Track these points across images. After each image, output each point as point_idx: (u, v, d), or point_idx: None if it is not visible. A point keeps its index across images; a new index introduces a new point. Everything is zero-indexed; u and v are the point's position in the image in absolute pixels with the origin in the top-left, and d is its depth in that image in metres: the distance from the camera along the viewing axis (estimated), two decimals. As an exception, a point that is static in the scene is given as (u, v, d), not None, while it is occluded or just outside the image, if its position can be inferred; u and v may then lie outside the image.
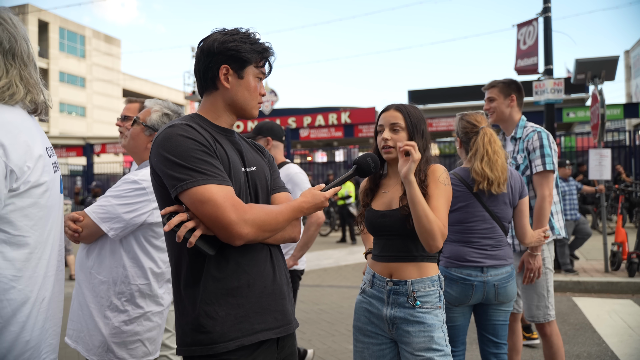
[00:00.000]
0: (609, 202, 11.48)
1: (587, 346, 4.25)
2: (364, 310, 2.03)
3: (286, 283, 1.62)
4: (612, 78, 7.05)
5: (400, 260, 1.95)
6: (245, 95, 1.59)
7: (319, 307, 5.84)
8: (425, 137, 2.01)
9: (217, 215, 1.38)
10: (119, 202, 2.01)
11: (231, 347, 1.44)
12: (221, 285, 1.46)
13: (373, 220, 2.01)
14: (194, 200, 1.39)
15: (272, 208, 1.50)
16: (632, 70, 28.63)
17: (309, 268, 8.72)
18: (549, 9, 8.94)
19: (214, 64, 1.55)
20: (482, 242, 2.51)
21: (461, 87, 25.16)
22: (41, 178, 1.35)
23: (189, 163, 1.40)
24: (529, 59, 9.98)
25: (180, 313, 1.50)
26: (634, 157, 15.08)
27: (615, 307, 5.50)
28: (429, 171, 1.95)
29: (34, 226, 1.34)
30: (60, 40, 42.68)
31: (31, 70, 1.43)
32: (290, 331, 1.59)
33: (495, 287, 2.48)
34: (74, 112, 43.79)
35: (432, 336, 1.86)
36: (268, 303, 1.53)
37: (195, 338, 1.45)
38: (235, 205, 1.40)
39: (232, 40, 1.54)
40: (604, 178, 6.82)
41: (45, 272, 1.39)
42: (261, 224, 1.44)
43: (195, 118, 1.57)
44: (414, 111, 2.01)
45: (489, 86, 3.16)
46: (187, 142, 1.43)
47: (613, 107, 16.23)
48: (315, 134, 19.74)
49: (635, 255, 6.51)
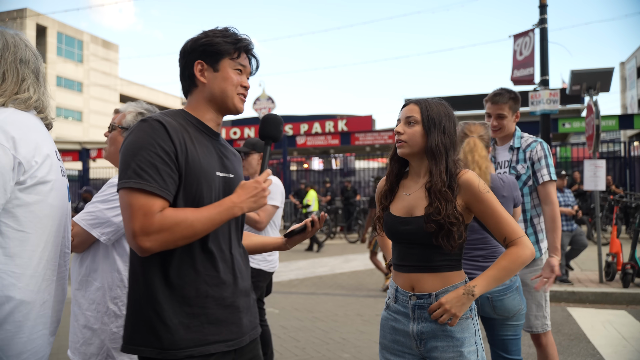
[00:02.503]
0: (603, 212, 11.52)
1: (581, 357, 4.25)
2: (389, 327, 1.87)
3: (245, 295, 1.60)
4: (607, 89, 7.10)
5: (421, 270, 1.78)
6: (222, 87, 1.57)
7: (313, 315, 5.81)
8: (449, 135, 1.79)
9: (126, 221, 1.38)
10: (107, 207, 2.00)
11: (179, 355, 1.42)
12: (178, 292, 1.45)
13: (393, 226, 1.83)
14: (121, 200, 1.40)
15: (190, 215, 1.41)
16: (627, 82, 28.83)
17: (304, 276, 8.70)
18: (546, 20, 9.02)
19: (189, 61, 1.57)
20: (473, 253, 2.45)
21: (458, 97, 25.24)
22: (48, 176, 1.39)
23: (134, 160, 1.39)
24: (525, 70, 10.05)
25: (133, 312, 1.48)
26: (629, 168, 15.16)
27: (609, 317, 5.50)
28: (461, 182, 1.75)
29: (38, 224, 1.36)
30: (58, 45, 42.67)
31: (40, 81, 1.56)
32: (243, 344, 1.55)
33: (489, 300, 2.41)
34: (70, 117, 43.70)
35: (461, 351, 1.72)
36: (225, 316, 1.51)
37: (145, 339, 1.44)
38: (146, 215, 1.36)
39: (205, 36, 1.56)
40: (599, 189, 6.84)
41: (48, 273, 1.39)
42: (167, 237, 1.37)
43: (179, 114, 1.56)
44: (435, 106, 1.82)
45: (498, 101, 3.04)
46: (144, 137, 1.42)
47: (608, 118, 16.34)
48: (312, 142, 19.77)
49: (629, 265, 6.52)
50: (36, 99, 1.51)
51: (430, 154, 1.77)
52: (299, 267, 9.78)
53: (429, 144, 1.77)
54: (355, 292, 7.31)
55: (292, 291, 7.34)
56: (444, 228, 1.70)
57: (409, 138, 1.80)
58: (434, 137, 1.77)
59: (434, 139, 1.77)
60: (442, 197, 1.71)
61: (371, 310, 5.94)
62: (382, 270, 7.45)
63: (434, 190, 1.73)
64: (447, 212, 1.69)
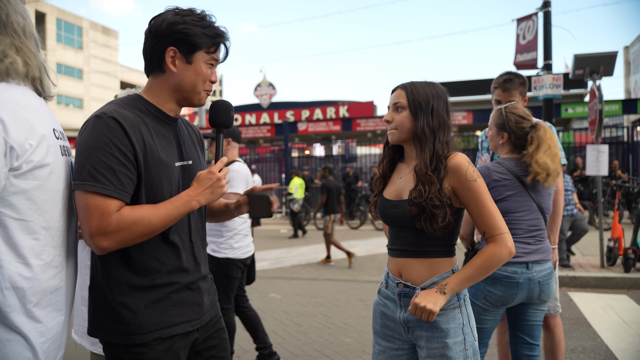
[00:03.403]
0: (605, 197, 11.50)
1: (582, 340, 4.27)
2: (380, 312, 1.88)
3: (205, 277, 1.64)
4: (610, 74, 7.04)
5: (409, 255, 1.76)
6: (193, 81, 1.50)
7: (315, 300, 5.85)
8: (437, 116, 1.74)
9: (82, 221, 1.36)
10: None
11: (148, 338, 1.45)
12: (143, 281, 1.46)
13: (384, 209, 1.84)
14: (77, 200, 1.37)
15: (147, 212, 1.40)
16: (631, 66, 28.62)
17: (306, 261, 8.74)
18: (549, 4, 8.92)
19: (160, 45, 1.47)
20: (526, 236, 2.40)
21: (459, 82, 25.11)
22: (46, 159, 1.28)
23: (88, 161, 1.35)
24: (528, 54, 9.97)
25: (98, 298, 1.49)
26: (632, 153, 15.10)
27: (610, 302, 5.52)
28: (450, 165, 1.70)
29: (38, 210, 1.27)
30: (58, 32, 42.43)
31: (28, 43, 1.36)
32: (204, 322, 1.60)
33: (540, 284, 2.37)
34: (71, 104, 43.62)
35: (446, 342, 1.69)
36: (188, 297, 1.54)
37: (113, 326, 1.45)
38: (103, 215, 1.34)
39: (183, 22, 1.45)
40: (601, 174, 6.82)
41: (56, 260, 1.33)
42: (125, 236, 1.37)
43: (136, 101, 1.50)
44: (422, 88, 1.76)
45: (510, 88, 2.99)
46: (100, 137, 1.36)
47: (611, 103, 16.24)
48: (314, 128, 19.73)
49: (631, 250, 6.53)
50: (23, 65, 1.32)
51: (416, 138, 1.74)
52: (301, 253, 9.82)
53: (415, 128, 1.74)
54: (357, 277, 7.34)
55: (294, 277, 7.38)
56: (426, 211, 1.66)
57: (399, 124, 1.78)
58: (421, 120, 1.73)
59: (420, 122, 1.73)
60: (425, 180, 1.68)
61: (373, 295, 5.95)
62: (342, 249, 8.16)
63: (419, 173, 1.71)
64: (429, 195, 1.65)
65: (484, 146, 3.33)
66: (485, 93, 24.41)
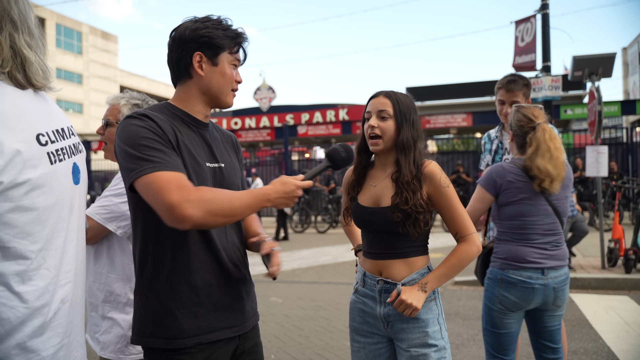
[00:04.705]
0: (606, 199, 11.50)
1: (583, 342, 4.27)
2: (358, 310, 1.97)
3: (246, 281, 1.64)
4: (609, 75, 7.06)
5: (388, 257, 1.88)
6: (220, 82, 1.56)
7: (316, 304, 5.85)
8: (416, 127, 1.87)
9: (158, 198, 1.31)
10: (121, 200, 1.98)
11: (189, 344, 1.46)
12: (185, 282, 1.47)
13: (361, 216, 1.93)
14: (142, 188, 1.36)
15: (227, 192, 1.41)
16: (629, 68, 28.67)
17: (307, 265, 8.73)
18: (547, 6, 8.95)
19: (186, 52, 1.52)
20: (542, 240, 2.37)
21: (459, 84, 25.15)
22: (20, 177, 1.07)
23: (139, 152, 1.38)
24: (527, 56, 9.99)
25: (142, 304, 1.51)
26: (631, 154, 15.11)
27: (612, 303, 5.52)
28: (425, 173, 1.82)
29: (20, 234, 1.08)
30: (57, 37, 42.52)
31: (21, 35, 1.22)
32: (247, 329, 1.61)
33: (554, 290, 2.36)
34: (70, 109, 43.65)
35: (427, 331, 1.82)
36: (229, 303, 1.55)
37: (155, 330, 1.47)
38: (181, 187, 1.32)
39: (204, 27, 1.51)
40: (601, 175, 6.83)
41: (55, 282, 1.16)
42: (210, 207, 1.33)
43: (164, 107, 1.56)
44: (404, 99, 1.87)
45: (513, 89, 2.99)
46: (139, 130, 1.41)
47: (610, 104, 16.26)
48: (313, 131, 19.73)
49: (632, 251, 6.53)
50: None
51: (400, 148, 1.84)
52: (302, 256, 9.82)
53: (400, 138, 1.84)
54: (358, 280, 7.33)
55: (295, 280, 7.38)
56: (411, 217, 1.78)
57: (383, 133, 1.85)
58: (406, 131, 1.84)
59: (405, 133, 1.84)
60: (409, 188, 1.79)
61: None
62: None
63: (402, 181, 1.80)
64: (415, 202, 1.77)
65: (486, 148, 3.32)
66: (485, 95, 24.44)
